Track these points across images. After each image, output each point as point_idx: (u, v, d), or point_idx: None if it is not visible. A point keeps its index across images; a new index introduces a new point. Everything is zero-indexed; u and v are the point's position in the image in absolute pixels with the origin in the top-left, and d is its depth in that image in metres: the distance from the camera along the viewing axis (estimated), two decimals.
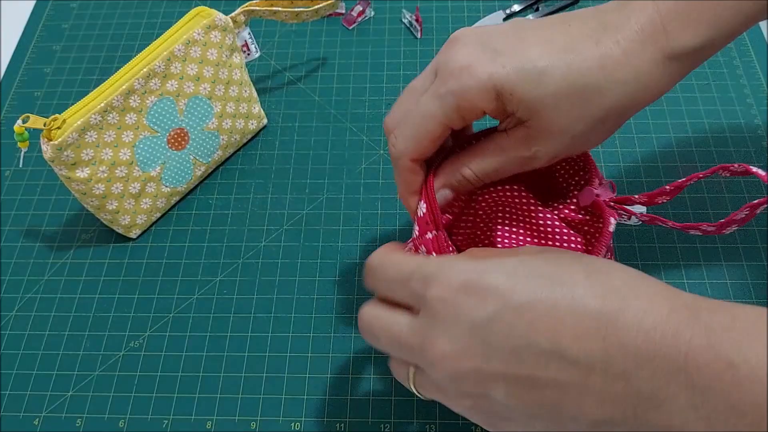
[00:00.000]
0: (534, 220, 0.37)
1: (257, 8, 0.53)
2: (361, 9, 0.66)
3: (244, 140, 0.58)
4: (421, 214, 0.36)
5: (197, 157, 0.54)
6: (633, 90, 0.33)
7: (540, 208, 0.37)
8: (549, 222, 0.37)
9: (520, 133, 0.34)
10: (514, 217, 0.38)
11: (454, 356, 0.29)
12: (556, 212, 0.38)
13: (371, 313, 0.34)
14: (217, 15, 0.51)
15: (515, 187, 0.38)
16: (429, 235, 0.35)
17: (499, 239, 0.38)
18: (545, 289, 0.28)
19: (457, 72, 0.32)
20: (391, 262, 0.33)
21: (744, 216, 0.35)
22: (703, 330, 0.25)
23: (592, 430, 0.28)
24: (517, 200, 0.38)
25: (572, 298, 0.28)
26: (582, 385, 0.27)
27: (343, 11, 0.66)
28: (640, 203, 0.36)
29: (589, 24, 0.33)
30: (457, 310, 0.29)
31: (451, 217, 0.40)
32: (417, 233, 0.36)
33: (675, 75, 0.34)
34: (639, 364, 0.26)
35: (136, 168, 0.50)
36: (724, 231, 0.36)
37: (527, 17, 0.65)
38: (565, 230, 0.37)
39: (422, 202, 0.36)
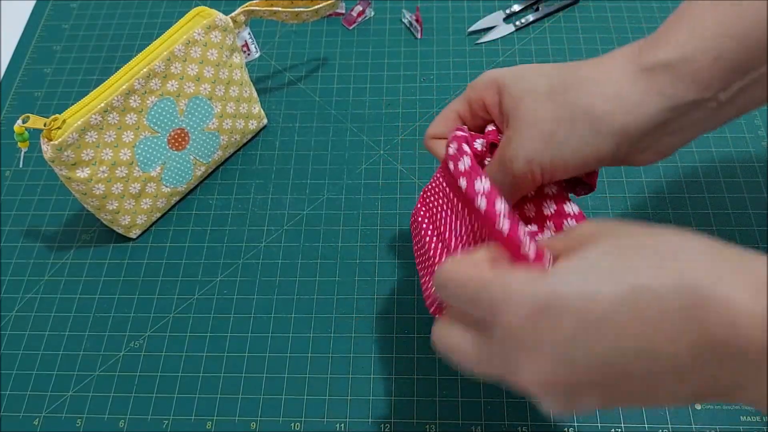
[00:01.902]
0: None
1: (257, 8, 0.53)
2: (361, 9, 0.66)
3: (245, 140, 0.58)
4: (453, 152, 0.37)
5: (197, 158, 0.54)
6: (605, 93, 0.34)
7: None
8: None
9: (505, 136, 0.37)
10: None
11: (541, 383, 0.28)
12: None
13: (443, 331, 0.32)
14: (218, 15, 0.51)
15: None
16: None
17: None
18: (622, 293, 0.26)
19: (483, 73, 0.40)
20: (454, 281, 0.31)
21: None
22: None
23: (685, 402, 0.28)
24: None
25: (652, 298, 0.26)
26: (676, 374, 0.26)
27: (343, 11, 0.66)
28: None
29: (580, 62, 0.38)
30: (534, 336, 0.28)
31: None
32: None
33: (650, 92, 0.34)
34: (729, 357, 0.25)
35: (137, 168, 0.50)
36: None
37: (527, 17, 0.65)
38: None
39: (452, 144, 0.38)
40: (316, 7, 0.55)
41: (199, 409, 0.46)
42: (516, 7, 0.65)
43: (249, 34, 0.55)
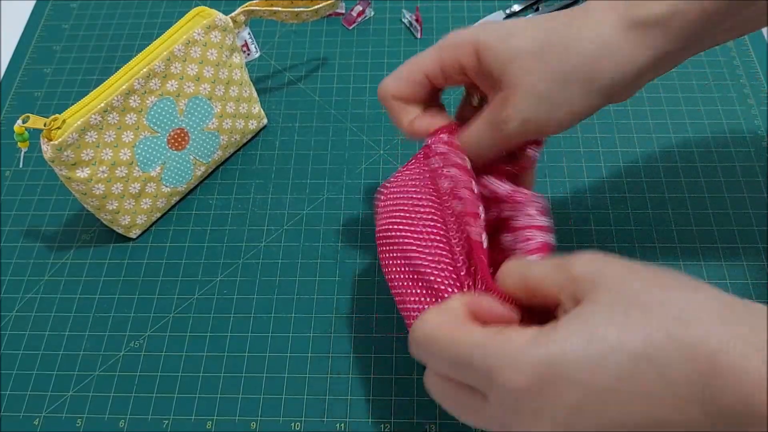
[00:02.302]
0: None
1: (257, 8, 0.53)
2: (361, 9, 0.66)
3: (244, 140, 0.58)
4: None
5: (197, 157, 0.54)
6: (596, 51, 0.34)
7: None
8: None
9: (497, 98, 0.36)
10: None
11: None
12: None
13: (437, 387, 0.31)
14: (217, 15, 0.51)
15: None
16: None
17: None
18: (628, 364, 0.25)
19: (451, 34, 0.38)
20: (440, 340, 0.30)
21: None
22: None
23: None
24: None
25: (659, 367, 0.25)
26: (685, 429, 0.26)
27: (343, 11, 0.66)
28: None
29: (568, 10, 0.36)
30: (536, 404, 0.26)
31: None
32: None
33: (641, 46, 0.34)
34: (744, 423, 0.24)
35: (137, 168, 0.50)
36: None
37: (527, 17, 0.64)
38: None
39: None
40: (316, 7, 0.55)
41: (199, 409, 0.46)
42: (516, 7, 0.65)
43: (249, 34, 0.55)
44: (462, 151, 0.37)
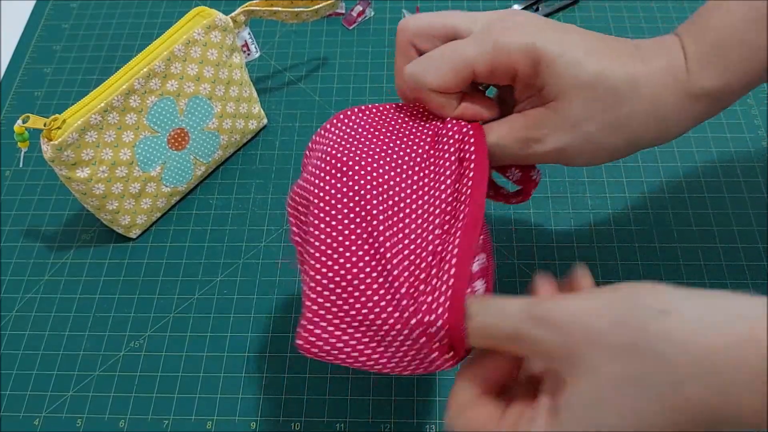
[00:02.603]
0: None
1: (257, 8, 0.53)
2: (361, 9, 0.66)
3: (245, 140, 0.58)
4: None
5: (197, 157, 0.54)
6: (650, 112, 0.34)
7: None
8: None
9: (536, 113, 0.35)
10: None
11: None
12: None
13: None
14: (217, 15, 0.51)
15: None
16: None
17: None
18: None
19: (509, 26, 0.34)
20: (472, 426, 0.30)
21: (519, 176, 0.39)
22: None
23: None
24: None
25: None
26: None
27: (343, 11, 0.66)
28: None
29: (624, 43, 0.35)
30: None
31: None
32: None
33: (689, 114, 0.35)
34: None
35: (137, 168, 0.50)
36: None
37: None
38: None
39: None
40: (316, 7, 0.55)
41: (199, 409, 0.46)
42: (516, 7, 0.65)
43: (249, 34, 0.55)
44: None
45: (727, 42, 0.34)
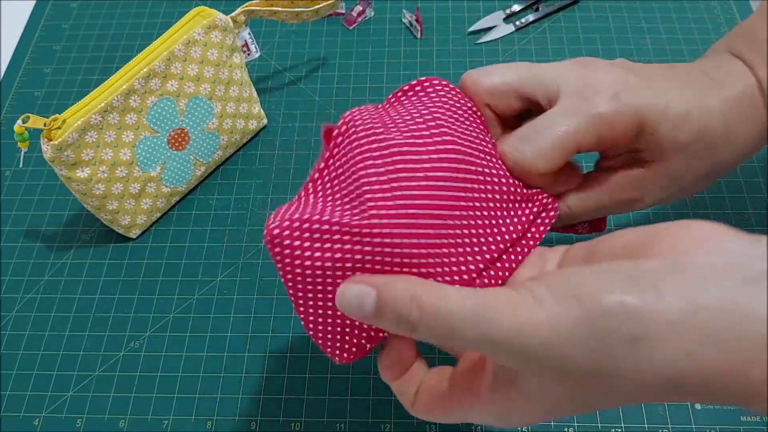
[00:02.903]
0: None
1: (257, 8, 0.53)
2: (361, 9, 0.66)
3: (244, 140, 0.58)
4: None
5: (197, 157, 0.54)
6: (739, 152, 0.34)
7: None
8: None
9: (637, 174, 0.34)
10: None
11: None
12: None
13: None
14: (218, 15, 0.51)
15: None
16: None
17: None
18: None
19: (600, 90, 0.32)
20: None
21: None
22: None
23: None
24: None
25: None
26: None
27: (343, 11, 0.66)
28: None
29: (695, 75, 0.34)
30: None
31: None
32: None
33: (758, 143, 0.35)
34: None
35: (137, 168, 0.50)
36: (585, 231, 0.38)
37: (527, 17, 0.65)
38: None
39: None
40: (316, 7, 0.55)
41: (199, 409, 0.46)
42: (516, 7, 0.65)
43: (249, 34, 0.55)
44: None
45: None
